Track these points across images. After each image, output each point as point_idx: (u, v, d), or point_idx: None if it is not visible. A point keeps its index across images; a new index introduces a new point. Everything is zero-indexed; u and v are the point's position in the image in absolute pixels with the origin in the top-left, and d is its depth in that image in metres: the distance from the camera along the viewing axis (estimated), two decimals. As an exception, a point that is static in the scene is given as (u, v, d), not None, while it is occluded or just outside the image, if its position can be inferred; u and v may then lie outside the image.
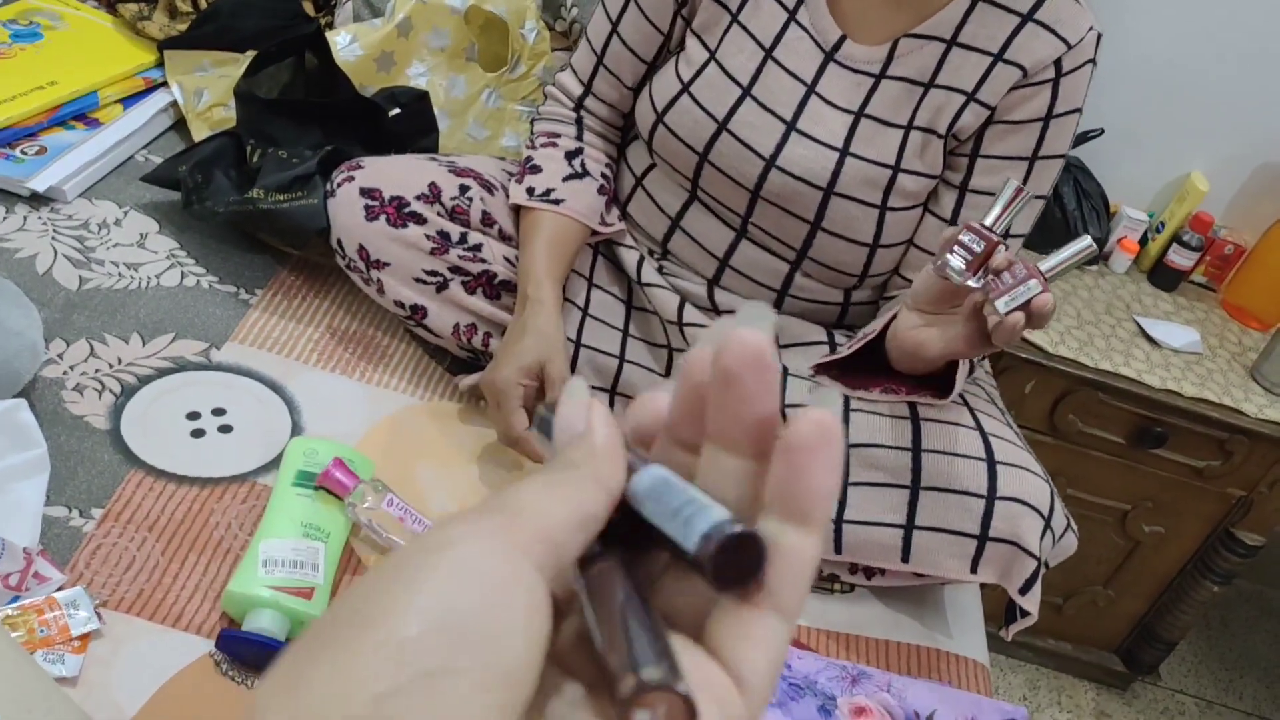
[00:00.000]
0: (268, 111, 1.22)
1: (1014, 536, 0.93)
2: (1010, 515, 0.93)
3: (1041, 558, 0.94)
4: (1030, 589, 0.94)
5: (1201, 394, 1.55)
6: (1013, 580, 0.94)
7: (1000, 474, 0.94)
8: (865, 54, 0.98)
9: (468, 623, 0.20)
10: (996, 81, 0.95)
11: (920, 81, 0.97)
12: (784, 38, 0.99)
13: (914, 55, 0.96)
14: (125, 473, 0.94)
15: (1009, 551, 0.93)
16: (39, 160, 1.21)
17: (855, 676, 0.97)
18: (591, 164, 1.11)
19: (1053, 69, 0.94)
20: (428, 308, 1.09)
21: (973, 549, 0.94)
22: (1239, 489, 1.64)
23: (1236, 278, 1.76)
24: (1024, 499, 0.94)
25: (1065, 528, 0.98)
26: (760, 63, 1.00)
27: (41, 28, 1.37)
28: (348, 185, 1.07)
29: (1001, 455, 0.95)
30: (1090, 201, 1.70)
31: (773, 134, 0.99)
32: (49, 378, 1.00)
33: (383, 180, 1.07)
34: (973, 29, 0.95)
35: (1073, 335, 1.59)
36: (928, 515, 0.95)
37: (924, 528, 0.96)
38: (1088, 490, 1.68)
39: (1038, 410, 1.60)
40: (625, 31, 1.08)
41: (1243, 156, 1.73)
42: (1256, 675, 2.08)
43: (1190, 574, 1.74)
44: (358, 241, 1.06)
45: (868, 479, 0.98)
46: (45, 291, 1.09)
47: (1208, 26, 1.63)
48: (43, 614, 0.79)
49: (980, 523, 0.94)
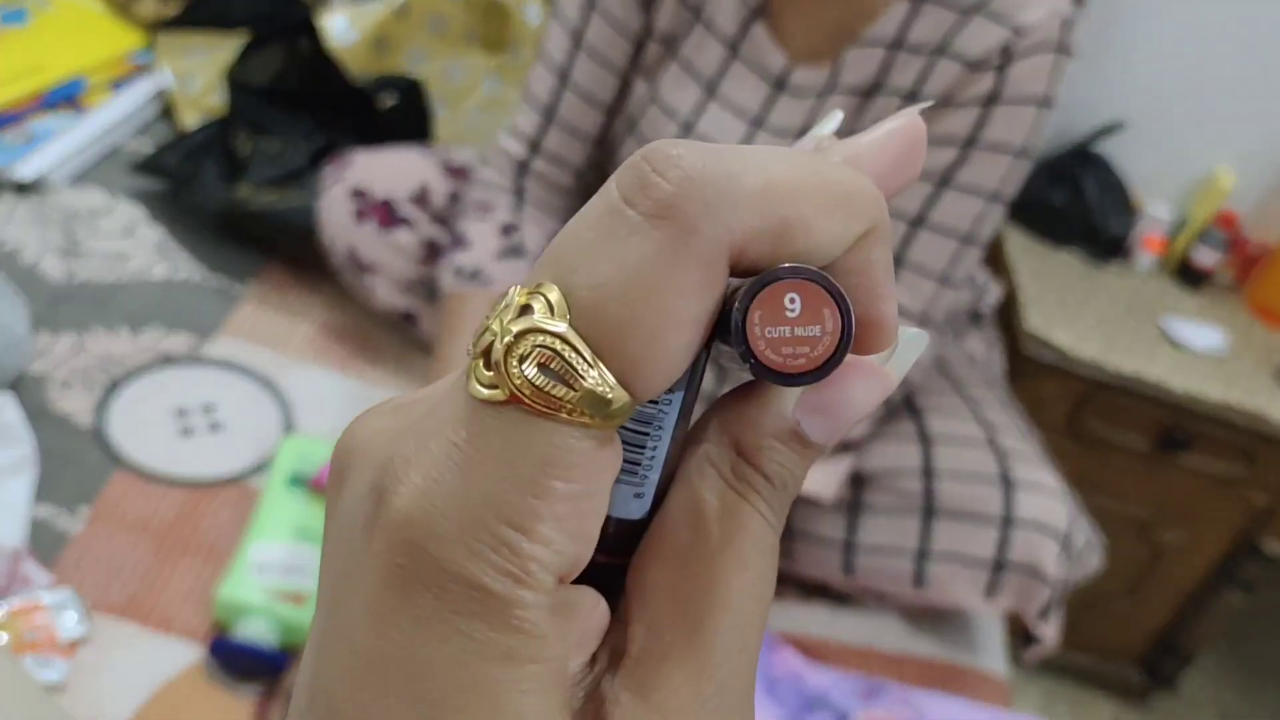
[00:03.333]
0: (260, 99, 1.19)
1: (1030, 562, 0.90)
2: (1027, 541, 0.90)
3: (1059, 580, 0.91)
4: (1048, 615, 0.91)
5: (1227, 398, 1.51)
6: (1030, 606, 0.92)
7: (1016, 497, 0.91)
8: (812, 77, 0.91)
9: None
10: (936, 78, 0.87)
11: (865, 90, 0.91)
12: (728, 75, 0.93)
13: (858, 66, 0.89)
14: (112, 471, 0.91)
15: (1025, 578, 0.91)
16: (24, 147, 1.17)
17: (871, 690, 0.93)
18: (530, 239, 0.98)
19: (999, 56, 0.85)
20: (419, 315, 1.07)
21: (987, 577, 0.91)
22: (1264, 496, 1.59)
23: (1263, 277, 1.71)
24: (1040, 521, 0.90)
25: (1085, 544, 0.94)
26: (700, 102, 0.93)
27: (28, 10, 1.33)
28: (337, 187, 1.04)
29: (1016, 473, 0.92)
30: (1112, 196, 1.66)
31: None
32: (34, 373, 0.96)
33: (373, 179, 1.04)
34: (915, 30, 0.87)
35: (1094, 336, 1.55)
36: (942, 542, 0.93)
37: (938, 555, 0.93)
38: (1108, 496, 1.63)
39: (1057, 414, 1.55)
40: (577, 80, 0.96)
41: (1270, 152, 1.69)
42: (1278, 686, 2.03)
43: (1213, 583, 1.70)
44: (348, 244, 1.04)
45: (879, 504, 0.96)
46: (32, 283, 1.05)
47: (1233, 17, 1.59)
48: (30, 618, 0.77)
49: (995, 549, 0.91)
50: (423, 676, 0.17)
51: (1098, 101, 1.68)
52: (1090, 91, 1.67)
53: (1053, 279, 1.64)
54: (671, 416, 0.19)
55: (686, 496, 0.19)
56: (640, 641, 0.18)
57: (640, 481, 0.19)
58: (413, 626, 0.17)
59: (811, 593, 1.03)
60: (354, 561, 0.17)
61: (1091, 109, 1.68)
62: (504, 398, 0.17)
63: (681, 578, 0.18)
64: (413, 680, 0.17)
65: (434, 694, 0.16)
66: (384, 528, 0.17)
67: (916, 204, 0.86)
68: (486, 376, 0.17)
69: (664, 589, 0.18)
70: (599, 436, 0.17)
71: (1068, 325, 1.55)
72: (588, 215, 0.18)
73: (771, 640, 0.94)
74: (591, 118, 0.98)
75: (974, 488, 0.92)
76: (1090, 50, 1.63)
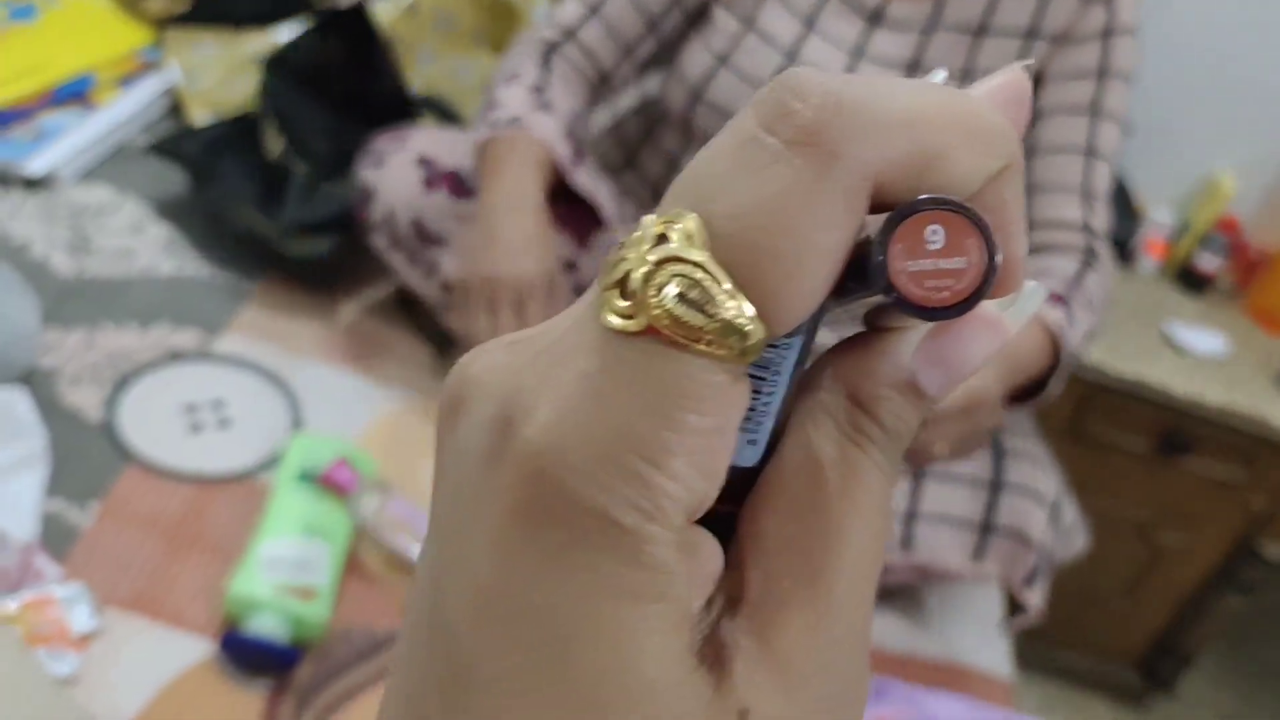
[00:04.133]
0: (296, 89, 1.17)
1: (1018, 526, 0.91)
2: (1014, 505, 0.91)
3: (1045, 547, 0.92)
4: (1034, 582, 0.91)
5: (1227, 402, 1.51)
6: (1015, 573, 0.92)
7: (1007, 462, 0.92)
8: (910, 11, 0.94)
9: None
10: (1052, 14, 0.92)
11: (973, 28, 0.93)
12: (824, 10, 0.95)
13: (962, 3, 0.93)
14: (122, 466, 0.91)
15: (1012, 542, 0.91)
16: (34, 143, 1.17)
17: (876, 689, 0.94)
18: (558, 102, 0.97)
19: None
20: None
21: (975, 539, 0.92)
22: (1263, 500, 1.60)
23: (1264, 283, 1.72)
24: (1029, 487, 0.92)
25: (1073, 522, 0.95)
26: (800, 34, 0.96)
27: (36, 6, 1.33)
28: (400, 154, 1.00)
29: (1009, 444, 0.94)
30: (1115, 201, 1.67)
31: None
32: (44, 367, 0.97)
33: (438, 149, 1.00)
34: None
35: (1097, 338, 1.55)
36: (930, 503, 0.93)
37: (926, 515, 0.93)
38: (1109, 498, 1.64)
39: (1060, 416, 1.56)
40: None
41: (1271, 158, 1.70)
42: (1276, 689, 2.04)
43: (1212, 586, 1.70)
44: (413, 215, 0.99)
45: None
46: (41, 279, 1.05)
47: (1237, 22, 1.60)
48: (42, 611, 0.77)
49: (984, 512, 0.92)
50: (548, 612, 0.16)
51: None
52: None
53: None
54: (790, 361, 0.19)
55: (802, 446, 0.19)
56: (758, 588, 0.18)
57: (755, 429, 0.19)
58: (539, 560, 0.16)
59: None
60: (475, 494, 0.17)
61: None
62: (640, 328, 0.16)
63: (799, 527, 0.18)
64: (538, 615, 0.16)
65: (559, 630, 0.16)
66: (513, 458, 0.16)
67: (1082, 136, 0.91)
68: (621, 306, 0.17)
69: (781, 537, 0.18)
70: (733, 371, 0.17)
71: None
72: (721, 145, 0.17)
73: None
74: (634, 22, 0.99)
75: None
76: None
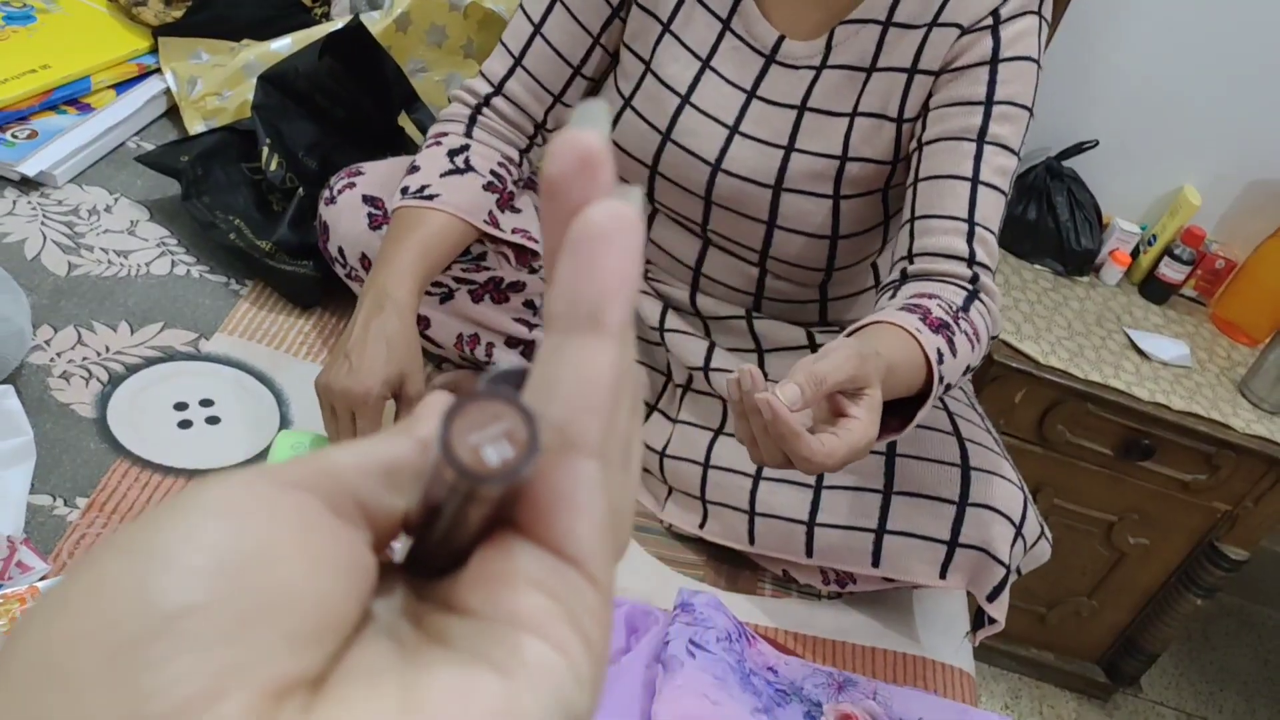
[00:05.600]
0: (290, 106, 1.20)
1: (984, 544, 0.94)
2: (981, 522, 0.94)
3: (1011, 565, 0.94)
4: (998, 596, 0.94)
5: (1190, 408, 1.56)
6: (981, 587, 0.95)
7: (974, 480, 0.95)
8: (804, 49, 0.96)
9: (223, 558, 0.18)
10: (934, 47, 0.92)
11: (861, 67, 0.95)
12: (720, 48, 0.98)
13: (852, 42, 0.95)
14: (111, 462, 0.93)
15: (978, 558, 0.94)
16: (30, 144, 1.19)
17: (841, 683, 0.97)
18: (478, 160, 1.01)
19: (990, 18, 0.91)
20: (431, 318, 1.08)
21: (942, 555, 0.95)
22: (1225, 503, 1.64)
23: (1227, 292, 1.77)
24: (996, 506, 0.94)
25: (1039, 536, 0.98)
26: (698, 72, 0.98)
27: (35, 10, 1.36)
28: (349, 192, 1.06)
29: (976, 461, 0.96)
30: (1083, 212, 1.71)
31: (715, 139, 0.98)
32: (36, 364, 0.99)
33: (386, 188, 1.06)
34: (906, 6, 0.93)
35: (1063, 346, 1.60)
36: (899, 520, 0.96)
37: (895, 532, 0.96)
38: (1074, 501, 1.68)
39: (1026, 420, 1.60)
40: (550, 32, 1.01)
41: (1235, 172, 1.74)
42: (1236, 689, 2.09)
43: (1174, 586, 1.75)
44: (360, 250, 1.05)
45: (840, 482, 0.98)
46: (33, 277, 1.08)
47: (1202, 42, 1.64)
48: (25, 604, 0.77)
49: (951, 529, 0.94)
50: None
51: (1070, 121, 1.72)
52: (1063, 111, 1.72)
53: (1024, 291, 1.69)
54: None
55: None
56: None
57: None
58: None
59: (786, 587, 1.08)
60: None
61: (1064, 128, 1.73)
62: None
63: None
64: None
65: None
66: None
67: (968, 165, 0.90)
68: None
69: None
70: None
71: (1038, 336, 1.60)
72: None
73: (747, 633, 0.98)
74: (558, 71, 1.03)
75: (934, 470, 0.95)
76: (1064, 72, 1.68)
